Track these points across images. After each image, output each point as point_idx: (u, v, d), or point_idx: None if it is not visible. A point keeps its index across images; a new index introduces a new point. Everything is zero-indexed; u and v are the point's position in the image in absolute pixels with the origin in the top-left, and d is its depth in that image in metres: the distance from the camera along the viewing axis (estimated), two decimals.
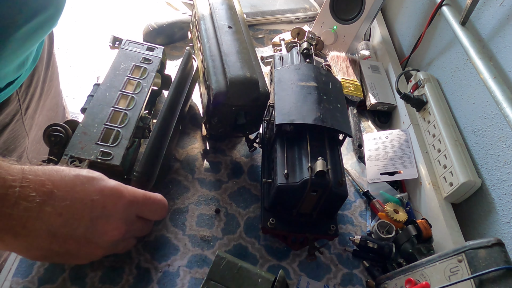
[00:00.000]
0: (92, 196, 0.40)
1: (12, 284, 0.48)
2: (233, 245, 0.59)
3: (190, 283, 0.53)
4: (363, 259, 0.61)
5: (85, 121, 0.51)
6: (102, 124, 0.52)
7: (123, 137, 0.51)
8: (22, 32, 0.45)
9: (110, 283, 0.51)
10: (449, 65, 0.77)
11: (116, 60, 0.62)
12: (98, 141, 0.50)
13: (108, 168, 0.48)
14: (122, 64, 0.61)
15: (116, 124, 0.53)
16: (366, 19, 0.88)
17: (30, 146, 0.66)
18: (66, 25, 2.06)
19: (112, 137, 0.51)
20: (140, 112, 0.56)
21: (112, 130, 0.52)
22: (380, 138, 0.77)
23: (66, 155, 0.47)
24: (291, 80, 0.62)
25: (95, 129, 0.51)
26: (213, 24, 0.67)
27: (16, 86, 0.55)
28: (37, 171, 0.38)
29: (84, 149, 0.48)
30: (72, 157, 0.47)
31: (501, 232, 0.59)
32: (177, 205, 0.61)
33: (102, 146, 0.49)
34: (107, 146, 0.50)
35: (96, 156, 0.48)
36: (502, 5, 0.64)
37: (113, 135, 0.51)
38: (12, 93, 0.55)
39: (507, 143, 0.60)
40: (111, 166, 0.48)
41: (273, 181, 0.55)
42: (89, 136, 0.50)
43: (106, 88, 0.56)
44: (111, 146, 0.50)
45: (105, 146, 0.50)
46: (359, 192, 0.70)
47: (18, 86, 0.56)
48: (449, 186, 0.65)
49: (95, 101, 0.54)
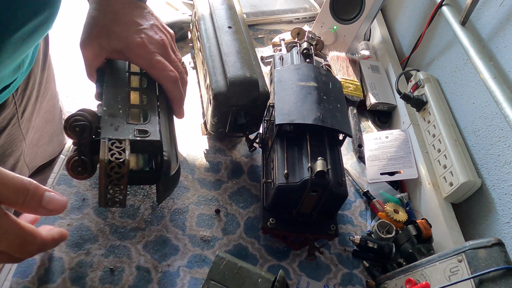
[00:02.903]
0: None
1: (12, 284, 0.48)
2: (233, 245, 0.59)
3: (190, 283, 0.53)
4: (363, 259, 0.61)
5: (107, 103, 0.48)
6: (126, 104, 0.49)
7: (151, 114, 0.50)
8: (18, 36, 0.45)
9: (110, 283, 0.51)
10: (449, 65, 0.77)
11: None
12: (129, 121, 0.47)
13: (149, 145, 0.46)
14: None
15: (137, 103, 0.51)
16: (366, 19, 0.88)
17: (27, 150, 0.66)
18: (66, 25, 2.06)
19: (141, 115, 0.49)
20: (156, 90, 0.54)
21: (138, 109, 0.50)
22: (380, 138, 0.77)
23: (104, 139, 0.44)
24: (291, 80, 0.62)
25: (120, 110, 0.48)
26: (213, 24, 0.67)
27: (12, 89, 0.55)
28: None
29: (119, 130, 0.45)
30: (111, 139, 0.44)
31: (501, 232, 0.59)
32: (177, 205, 0.61)
33: (135, 125, 0.47)
34: (140, 124, 0.47)
35: (134, 135, 0.46)
36: (502, 5, 0.64)
37: (141, 114, 0.49)
38: (8, 96, 0.55)
39: (507, 143, 0.60)
40: (151, 142, 0.46)
41: (273, 181, 0.55)
42: (117, 117, 0.47)
43: (112, 71, 0.53)
44: (143, 123, 0.48)
45: (138, 124, 0.47)
46: (359, 192, 0.70)
47: (14, 89, 0.56)
48: (449, 186, 0.65)
49: (108, 84, 0.51)
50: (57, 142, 0.78)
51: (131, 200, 0.60)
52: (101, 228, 0.56)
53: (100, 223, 0.56)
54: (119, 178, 0.43)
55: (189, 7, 0.97)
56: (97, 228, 0.55)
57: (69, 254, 0.52)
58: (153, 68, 0.52)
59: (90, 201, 0.58)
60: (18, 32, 0.45)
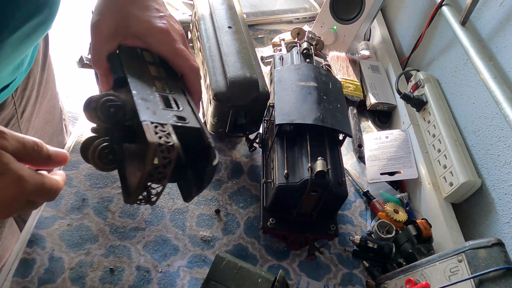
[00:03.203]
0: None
1: (12, 284, 0.48)
2: (233, 245, 0.59)
3: (190, 283, 0.53)
4: (363, 259, 0.61)
5: (136, 88, 0.43)
6: (154, 91, 0.44)
7: (181, 103, 0.46)
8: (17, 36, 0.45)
9: (110, 283, 0.51)
10: (449, 65, 0.77)
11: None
12: (163, 107, 0.42)
13: (190, 132, 0.42)
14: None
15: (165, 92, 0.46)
16: (366, 19, 0.88)
17: None
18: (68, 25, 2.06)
19: (173, 102, 0.44)
20: (179, 81, 0.49)
21: (167, 96, 0.45)
22: (380, 138, 0.77)
23: (145, 121, 0.38)
24: (291, 80, 0.62)
25: (151, 96, 0.43)
26: (213, 24, 0.67)
27: (12, 89, 0.55)
28: None
29: (157, 114, 0.40)
30: (153, 122, 0.39)
31: (501, 232, 0.59)
32: (177, 205, 0.61)
33: (170, 111, 0.42)
34: (175, 110, 0.43)
35: (174, 121, 0.41)
36: (502, 5, 0.64)
37: (172, 101, 0.44)
38: (7, 97, 0.55)
39: (507, 143, 0.60)
40: (192, 129, 0.42)
41: (273, 181, 0.55)
42: (150, 102, 0.42)
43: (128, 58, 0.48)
44: (178, 110, 0.43)
45: (173, 110, 0.42)
46: (359, 192, 0.70)
47: (14, 89, 0.56)
48: (449, 186, 0.65)
49: (129, 71, 0.45)
50: (57, 143, 0.77)
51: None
52: (101, 228, 0.56)
53: (100, 223, 0.56)
54: (165, 165, 0.37)
55: (189, 7, 0.97)
56: (97, 228, 0.55)
57: (69, 254, 0.52)
58: (178, 56, 0.47)
59: (90, 201, 0.58)
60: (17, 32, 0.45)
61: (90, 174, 0.61)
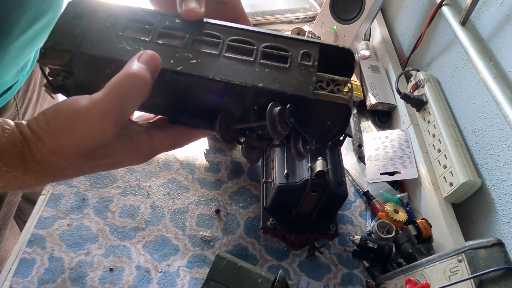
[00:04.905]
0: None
1: (12, 284, 0.48)
2: (233, 245, 0.59)
3: (190, 283, 0.53)
4: (363, 259, 0.61)
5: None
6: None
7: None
8: (21, 41, 0.45)
9: (110, 283, 0.51)
10: (449, 65, 0.77)
11: None
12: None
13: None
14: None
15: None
16: (366, 19, 0.88)
17: None
18: None
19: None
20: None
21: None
22: (380, 138, 0.77)
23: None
24: None
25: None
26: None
27: (14, 91, 0.55)
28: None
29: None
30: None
31: (501, 232, 0.59)
32: (177, 205, 0.61)
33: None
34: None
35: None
36: (502, 5, 0.64)
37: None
38: (9, 99, 0.55)
39: (507, 143, 0.60)
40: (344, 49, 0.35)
41: (273, 181, 0.55)
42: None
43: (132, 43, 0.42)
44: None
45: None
46: (359, 192, 0.70)
47: (16, 91, 0.56)
48: (449, 186, 0.64)
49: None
50: None
51: (131, 200, 0.60)
52: (101, 228, 0.56)
53: (100, 223, 0.56)
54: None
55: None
56: (97, 228, 0.55)
57: (69, 254, 0.52)
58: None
59: (90, 201, 0.58)
60: (22, 36, 0.45)
61: (90, 174, 0.61)
